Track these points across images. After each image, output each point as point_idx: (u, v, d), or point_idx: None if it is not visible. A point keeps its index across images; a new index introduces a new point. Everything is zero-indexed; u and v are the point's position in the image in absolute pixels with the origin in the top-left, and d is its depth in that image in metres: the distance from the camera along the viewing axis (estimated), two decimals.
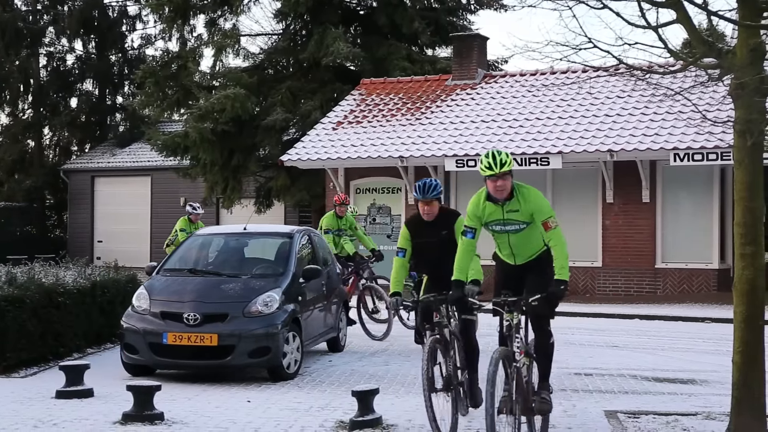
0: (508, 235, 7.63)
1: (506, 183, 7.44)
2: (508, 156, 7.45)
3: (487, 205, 7.56)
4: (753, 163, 7.33)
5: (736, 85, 7.21)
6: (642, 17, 7.41)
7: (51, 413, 8.95)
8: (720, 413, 8.68)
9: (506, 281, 7.71)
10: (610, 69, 8.98)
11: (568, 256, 7.38)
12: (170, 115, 34.49)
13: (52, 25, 39.47)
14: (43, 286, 12.10)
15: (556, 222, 7.44)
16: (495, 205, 7.54)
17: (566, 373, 11.44)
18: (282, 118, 27.98)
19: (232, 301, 11.14)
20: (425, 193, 8.68)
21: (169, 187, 34.99)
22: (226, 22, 30.49)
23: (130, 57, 40.35)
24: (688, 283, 21.33)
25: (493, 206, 7.55)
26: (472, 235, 7.58)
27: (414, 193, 8.85)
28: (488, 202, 7.55)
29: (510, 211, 7.51)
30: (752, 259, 7.32)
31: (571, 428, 8.33)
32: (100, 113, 40.60)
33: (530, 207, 7.48)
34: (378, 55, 29.08)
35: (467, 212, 7.62)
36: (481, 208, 7.57)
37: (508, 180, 7.45)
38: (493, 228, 7.64)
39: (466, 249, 7.62)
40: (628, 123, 21.85)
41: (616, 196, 22.03)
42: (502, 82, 25.95)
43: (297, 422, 8.59)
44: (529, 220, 7.49)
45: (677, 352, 13.63)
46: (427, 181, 8.73)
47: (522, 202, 7.50)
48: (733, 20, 7.41)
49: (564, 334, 15.66)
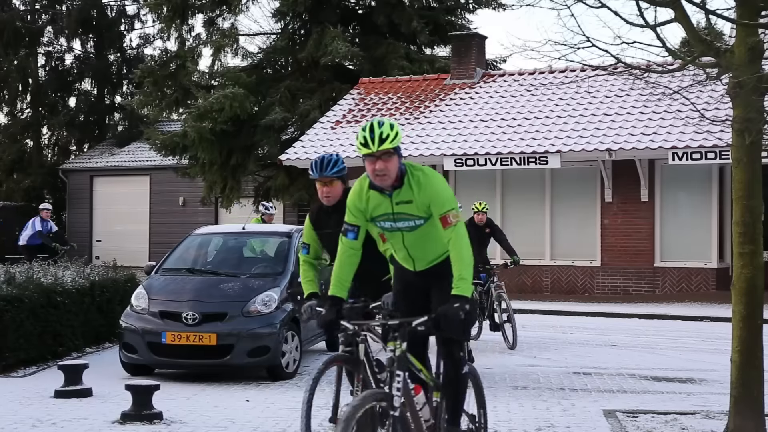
0: (402, 233, 5.86)
1: (389, 165, 5.59)
2: (393, 128, 5.59)
3: (371, 194, 5.78)
4: (751, 162, 7.33)
5: (735, 84, 7.21)
6: (640, 16, 7.41)
7: (50, 413, 8.95)
8: (718, 412, 8.68)
9: (406, 293, 6.06)
10: (608, 68, 8.99)
11: (471, 263, 5.58)
12: (169, 114, 34.51)
13: (50, 24, 39.45)
14: (42, 285, 12.10)
15: (459, 217, 5.69)
16: (382, 195, 5.75)
17: (565, 372, 11.45)
18: (281, 117, 27.99)
19: (231, 300, 11.14)
20: (322, 170, 6.88)
21: (167, 187, 34.98)
22: (225, 22, 30.50)
23: (129, 56, 40.33)
24: (687, 282, 21.33)
25: (379, 196, 5.76)
26: (354, 235, 5.83)
27: (310, 171, 7.06)
28: (373, 191, 5.76)
29: (401, 203, 5.73)
30: (751, 258, 7.32)
31: (570, 427, 8.33)
32: (99, 113, 40.58)
33: (425, 197, 5.68)
34: (376, 55, 29.08)
35: (347, 205, 5.92)
36: (365, 199, 5.80)
37: (393, 161, 5.60)
38: (382, 225, 5.88)
39: (346, 254, 5.83)
40: (627, 122, 21.86)
41: (615, 195, 22.03)
42: (500, 81, 25.96)
43: (296, 422, 8.57)
44: (427, 214, 5.71)
45: (676, 351, 13.63)
46: (326, 156, 6.95)
47: (415, 190, 5.70)
48: (732, 19, 7.42)
49: (563, 333, 15.69)
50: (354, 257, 5.85)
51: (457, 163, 22.59)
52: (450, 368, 5.88)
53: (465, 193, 21.66)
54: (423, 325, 5.42)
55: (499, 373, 11.26)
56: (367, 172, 5.67)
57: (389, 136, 5.52)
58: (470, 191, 22.37)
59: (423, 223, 5.76)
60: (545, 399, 9.72)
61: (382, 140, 5.52)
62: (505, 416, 8.76)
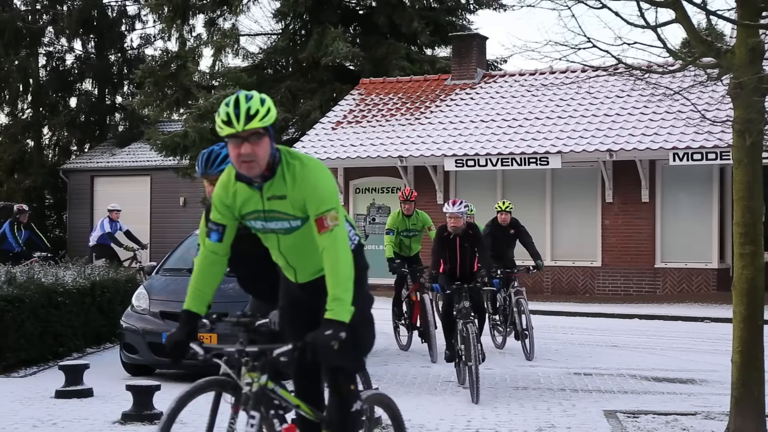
0: (277, 237, 4.74)
1: (258, 150, 4.46)
2: (265, 102, 4.51)
3: (239, 187, 4.65)
4: (752, 163, 7.33)
5: (735, 85, 7.21)
6: (641, 17, 7.42)
7: (50, 413, 8.95)
8: (719, 413, 8.68)
9: (292, 310, 4.97)
10: (609, 68, 9.00)
11: (350, 279, 4.45)
12: (170, 114, 34.51)
13: (51, 24, 39.45)
14: (43, 285, 12.10)
15: (338, 219, 4.53)
16: (250, 188, 4.62)
17: (566, 372, 11.45)
18: (281, 118, 27.99)
19: (232, 300, 11.08)
20: (207, 167, 5.59)
21: (168, 187, 34.97)
22: (226, 22, 30.54)
23: (130, 57, 40.33)
24: (688, 283, 21.33)
25: (247, 189, 4.63)
26: (218, 237, 4.73)
27: (196, 167, 5.84)
28: (240, 183, 4.64)
29: (273, 198, 4.59)
30: (751, 259, 7.32)
31: (571, 428, 8.33)
32: (100, 113, 40.57)
33: (300, 192, 4.55)
34: (377, 55, 29.10)
35: (212, 200, 4.83)
36: (231, 193, 4.67)
37: (263, 145, 4.47)
38: (253, 225, 4.75)
39: (207, 260, 4.78)
40: (628, 122, 21.86)
41: (616, 195, 22.03)
42: (501, 81, 25.97)
43: None
44: (303, 213, 4.61)
45: (676, 352, 13.63)
46: (213, 151, 5.61)
47: (289, 183, 4.56)
48: (732, 20, 7.42)
49: (564, 333, 15.68)
50: (217, 264, 4.77)
51: (458, 163, 22.60)
52: (334, 405, 4.81)
53: (466, 194, 21.67)
54: (286, 355, 4.45)
55: (499, 374, 11.27)
56: (230, 158, 4.58)
57: (259, 113, 4.44)
58: (471, 192, 22.38)
59: (300, 225, 4.65)
60: (546, 400, 9.72)
61: (250, 117, 4.43)
62: (505, 417, 8.76)
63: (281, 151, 4.61)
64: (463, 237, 10.77)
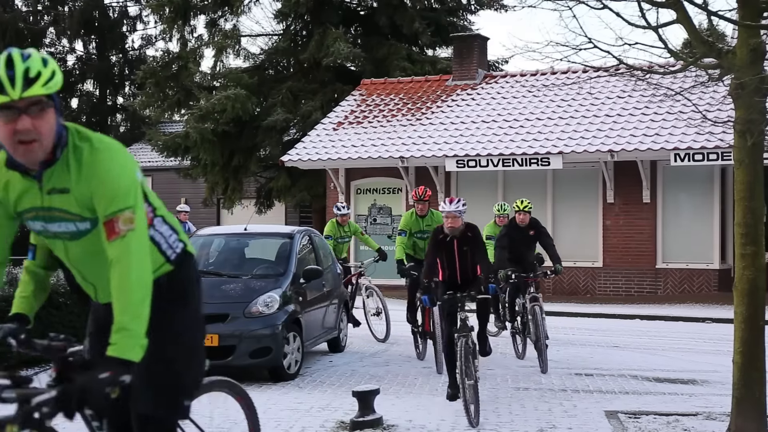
0: (64, 243, 3.67)
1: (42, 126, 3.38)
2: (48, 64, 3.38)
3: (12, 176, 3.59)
4: (753, 163, 7.33)
5: (737, 85, 7.21)
6: (642, 17, 7.42)
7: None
8: (720, 413, 8.68)
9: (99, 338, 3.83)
10: (610, 69, 8.99)
11: (145, 299, 3.42)
12: (171, 115, 34.54)
13: (52, 25, 39.53)
14: None
15: (134, 222, 3.46)
16: (26, 177, 3.54)
17: (567, 373, 11.45)
18: (282, 118, 28.03)
19: (233, 301, 11.14)
20: None
21: (170, 188, 35.02)
22: (227, 23, 30.56)
23: (131, 57, 40.41)
24: (689, 284, 21.33)
25: (22, 179, 3.56)
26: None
27: None
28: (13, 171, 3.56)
29: (54, 192, 3.52)
30: (753, 259, 7.32)
31: (572, 428, 8.32)
32: (101, 114, 40.64)
33: (87, 184, 3.48)
34: (378, 56, 29.12)
35: None
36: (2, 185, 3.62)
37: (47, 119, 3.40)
38: (33, 226, 3.69)
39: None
40: (629, 123, 21.86)
41: (617, 196, 22.03)
42: (502, 82, 25.97)
43: (298, 422, 8.58)
44: (92, 213, 3.54)
45: (678, 353, 13.63)
46: None
47: (74, 171, 3.49)
48: (734, 20, 7.42)
49: (565, 334, 15.68)
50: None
51: (459, 164, 22.60)
52: None
53: (467, 195, 21.67)
54: (46, 405, 3.27)
55: (501, 374, 11.26)
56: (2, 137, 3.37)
57: (42, 75, 3.32)
58: (472, 192, 22.38)
59: (90, 228, 3.57)
60: (547, 400, 9.71)
61: (30, 81, 3.29)
62: (507, 417, 8.76)
63: (70, 129, 3.53)
64: (462, 239, 9.46)
